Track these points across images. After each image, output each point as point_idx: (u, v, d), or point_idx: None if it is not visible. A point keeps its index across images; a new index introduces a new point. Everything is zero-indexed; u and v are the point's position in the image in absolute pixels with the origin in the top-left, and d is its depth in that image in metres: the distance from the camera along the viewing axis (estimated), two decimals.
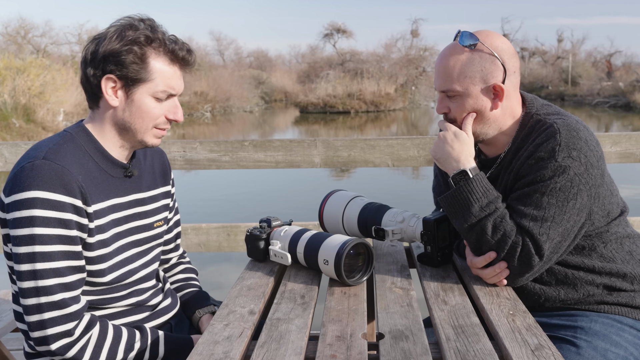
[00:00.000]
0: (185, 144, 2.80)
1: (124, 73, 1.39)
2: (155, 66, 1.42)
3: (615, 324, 1.52)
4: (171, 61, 1.44)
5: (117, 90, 1.41)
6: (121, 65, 1.38)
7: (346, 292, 1.48)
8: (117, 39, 1.38)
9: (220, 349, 1.18)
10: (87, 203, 1.38)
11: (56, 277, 1.32)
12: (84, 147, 1.43)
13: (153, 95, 1.43)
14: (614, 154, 2.71)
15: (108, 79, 1.40)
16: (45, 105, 17.99)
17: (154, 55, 1.41)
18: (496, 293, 1.47)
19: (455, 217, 1.54)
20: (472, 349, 1.16)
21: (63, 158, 1.36)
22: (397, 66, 36.52)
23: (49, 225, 1.31)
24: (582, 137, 1.47)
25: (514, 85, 1.58)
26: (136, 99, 1.42)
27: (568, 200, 1.45)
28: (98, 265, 1.43)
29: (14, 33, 34.12)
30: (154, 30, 1.42)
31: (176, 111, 1.49)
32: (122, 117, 1.44)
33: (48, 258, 1.31)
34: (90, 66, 1.40)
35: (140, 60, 1.39)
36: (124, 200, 1.51)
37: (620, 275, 1.56)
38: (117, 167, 1.49)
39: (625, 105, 30.91)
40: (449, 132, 1.57)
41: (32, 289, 1.31)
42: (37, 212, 1.30)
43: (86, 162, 1.42)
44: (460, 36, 1.55)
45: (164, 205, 1.65)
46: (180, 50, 1.44)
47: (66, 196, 1.33)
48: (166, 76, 1.44)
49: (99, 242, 1.42)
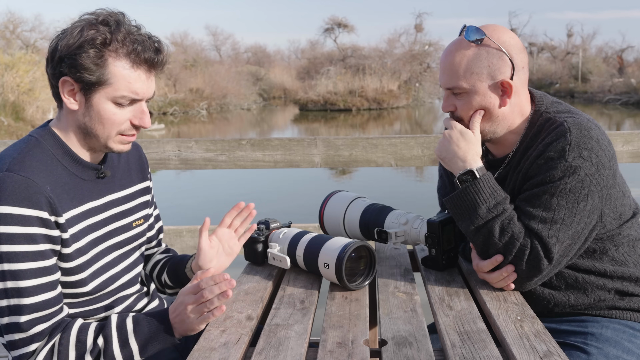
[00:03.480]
0: (180, 143, 2.79)
1: (79, 76, 1.31)
2: (115, 69, 1.33)
3: (627, 330, 1.50)
4: (134, 63, 1.35)
5: (75, 93, 1.35)
6: (75, 68, 1.31)
7: (347, 297, 1.47)
8: (75, 38, 1.30)
9: (217, 355, 1.17)
10: (57, 213, 1.32)
11: (22, 297, 1.28)
12: (51, 152, 1.37)
13: (113, 100, 1.35)
14: (626, 154, 2.70)
15: (65, 82, 1.33)
16: (34, 103, 17.99)
17: (113, 58, 1.33)
18: (503, 298, 1.45)
19: (461, 219, 1.51)
20: (478, 356, 1.15)
21: (28, 168, 1.30)
22: (400, 62, 36.57)
23: (15, 242, 1.26)
24: (594, 137, 1.45)
25: (522, 82, 1.55)
26: (95, 103, 1.35)
27: (579, 201, 1.43)
28: (78, 275, 1.38)
29: (2, 28, 34.12)
30: (117, 29, 1.33)
31: (142, 117, 1.40)
32: (83, 121, 1.37)
33: (16, 276, 1.27)
34: (49, 65, 1.34)
35: (95, 64, 1.31)
36: (99, 203, 1.45)
37: (632, 280, 1.54)
38: (89, 170, 1.43)
39: (637, 103, 30.97)
40: (455, 131, 1.54)
41: (4, 308, 1.28)
42: (1, 228, 1.25)
43: (54, 168, 1.35)
44: (466, 31, 1.53)
45: (142, 202, 1.60)
46: (144, 51, 1.35)
47: (31, 209, 1.27)
48: (128, 80, 1.34)
49: (76, 251, 1.37)
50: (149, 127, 1.43)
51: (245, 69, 41.06)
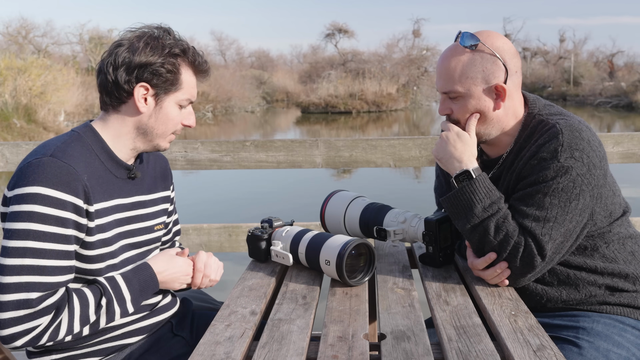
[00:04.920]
0: (186, 144, 2.80)
1: (159, 82, 1.45)
2: (185, 77, 1.50)
3: (617, 324, 1.51)
4: (195, 72, 1.53)
5: (147, 97, 1.47)
6: (158, 75, 1.44)
7: (348, 293, 1.48)
8: (153, 50, 1.43)
9: (222, 349, 1.18)
10: (90, 202, 1.39)
11: (41, 275, 1.31)
12: (91, 147, 1.46)
13: (178, 103, 1.51)
14: (616, 154, 2.70)
15: (141, 87, 1.45)
16: (46, 106, 18.00)
17: (185, 66, 1.49)
18: (498, 293, 1.47)
19: (457, 218, 1.53)
20: (474, 350, 1.16)
21: (70, 156, 1.38)
22: (398, 66, 36.44)
23: (47, 222, 1.32)
24: (585, 138, 1.47)
25: (515, 86, 1.58)
26: (165, 106, 1.49)
27: (570, 200, 1.45)
28: (97, 265, 1.43)
29: (15, 33, 34.15)
30: (182, 42, 1.49)
31: (191, 117, 1.56)
32: (146, 122, 1.49)
33: (39, 255, 1.31)
34: (123, 72, 1.44)
35: (174, 71, 1.46)
36: (127, 201, 1.52)
37: (622, 276, 1.56)
38: (122, 168, 1.51)
39: (627, 106, 30.84)
40: (452, 133, 1.57)
41: (13, 284, 1.29)
42: (37, 207, 1.31)
43: (92, 161, 1.44)
44: (461, 37, 1.55)
45: (163, 209, 1.67)
46: (203, 61, 1.53)
47: (68, 194, 1.34)
48: (191, 85, 1.52)
49: (100, 241, 1.42)
50: (194, 126, 1.58)
51: (249, 73, 40.86)
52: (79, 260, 1.41)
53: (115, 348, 1.50)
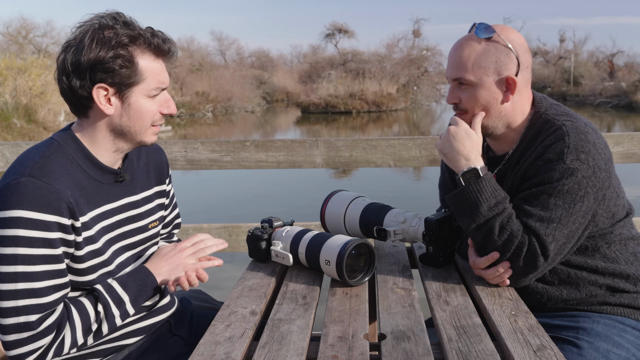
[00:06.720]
0: (186, 144, 2.80)
1: (116, 80, 1.34)
2: (144, 65, 1.37)
3: (617, 325, 1.51)
4: (156, 56, 1.39)
5: (109, 97, 1.36)
6: (111, 72, 1.32)
7: (348, 293, 1.48)
8: (99, 45, 1.31)
9: (222, 349, 1.18)
10: (75, 217, 1.33)
11: (36, 297, 1.28)
12: (72, 156, 1.38)
13: (147, 94, 1.39)
14: (616, 154, 2.70)
15: (99, 89, 1.34)
16: (46, 106, 17.99)
17: (140, 54, 1.36)
18: (498, 293, 1.47)
19: (462, 216, 1.53)
20: (474, 350, 1.16)
21: (49, 174, 1.30)
22: (399, 66, 36.43)
23: (34, 246, 1.27)
24: (591, 140, 1.47)
25: (525, 81, 1.58)
26: (133, 102, 1.38)
27: (575, 202, 1.45)
28: (90, 276, 1.39)
29: (15, 33, 34.13)
30: (132, 27, 1.36)
31: (169, 104, 1.45)
32: (119, 122, 1.39)
33: (31, 278, 1.27)
34: (74, 77, 1.33)
35: (129, 63, 1.34)
36: (115, 205, 1.47)
37: (623, 277, 1.56)
38: (107, 174, 1.44)
39: (627, 106, 30.83)
40: (461, 129, 1.56)
41: (11, 309, 1.27)
42: (21, 232, 1.26)
43: (74, 172, 1.37)
44: (477, 28, 1.55)
45: (158, 204, 1.62)
46: (163, 43, 1.39)
47: (52, 215, 1.28)
48: (155, 72, 1.39)
49: (89, 253, 1.38)
50: (176, 113, 1.47)
51: (250, 72, 40.83)
52: (72, 274, 1.37)
53: (114, 349, 1.50)
